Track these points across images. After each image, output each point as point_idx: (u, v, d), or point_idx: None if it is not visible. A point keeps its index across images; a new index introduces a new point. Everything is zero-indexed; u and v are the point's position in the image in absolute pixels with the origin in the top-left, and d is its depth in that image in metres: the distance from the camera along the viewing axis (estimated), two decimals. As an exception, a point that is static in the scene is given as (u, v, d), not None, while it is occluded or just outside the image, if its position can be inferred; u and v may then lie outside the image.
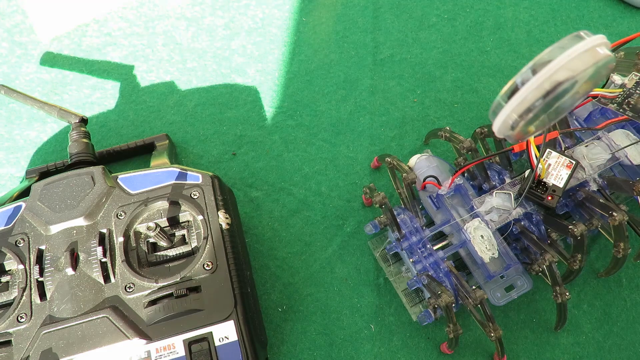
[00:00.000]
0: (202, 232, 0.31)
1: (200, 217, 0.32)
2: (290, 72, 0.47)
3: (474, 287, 0.32)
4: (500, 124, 0.24)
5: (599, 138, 0.35)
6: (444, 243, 0.36)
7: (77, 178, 0.33)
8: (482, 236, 0.33)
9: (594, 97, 0.35)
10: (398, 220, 0.35)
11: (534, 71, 0.22)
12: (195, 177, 0.33)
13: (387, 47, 0.48)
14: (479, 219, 0.33)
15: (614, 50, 0.35)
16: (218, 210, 0.32)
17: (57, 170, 0.41)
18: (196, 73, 0.48)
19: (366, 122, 0.45)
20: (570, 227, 0.32)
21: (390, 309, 0.38)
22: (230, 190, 0.37)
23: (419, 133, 0.44)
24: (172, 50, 0.49)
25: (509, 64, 0.47)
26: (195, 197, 0.32)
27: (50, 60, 0.49)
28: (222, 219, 0.32)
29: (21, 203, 0.33)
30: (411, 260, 0.35)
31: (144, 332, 0.28)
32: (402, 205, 0.37)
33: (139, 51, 0.49)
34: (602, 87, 0.36)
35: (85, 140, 0.39)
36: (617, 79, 0.35)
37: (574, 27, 0.49)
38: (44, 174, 0.41)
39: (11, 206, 0.33)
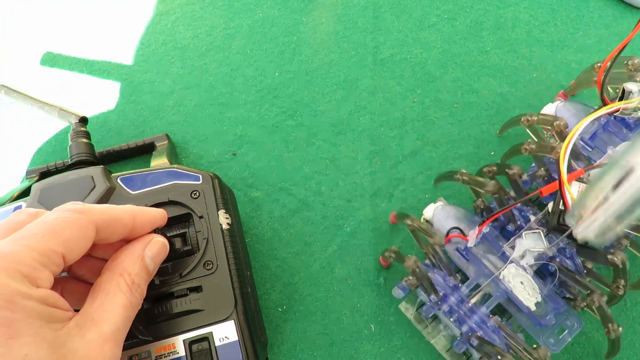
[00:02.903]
0: (203, 232, 0.31)
1: (200, 217, 0.32)
2: (290, 72, 0.47)
3: (534, 346, 0.30)
4: (590, 233, 0.24)
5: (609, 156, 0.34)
6: (480, 294, 0.34)
7: (77, 178, 0.33)
8: (521, 282, 0.31)
9: (615, 111, 0.34)
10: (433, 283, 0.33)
11: (624, 176, 0.21)
12: (195, 177, 0.33)
13: (387, 47, 0.48)
14: (514, 264, 0.32)
15: (617, 57, 0.35)
16: (218, 210, 0.32)
17: (57, 170, 0.41)
18: (196, 73, 0.48)
19: (366, 122, 0.45)
20: (609, 256, 0.30)
21: (390, 309, 0.38)
22: (231, 190, 0.37)
23: (419, 133, 0.44)
24: (172, 50, 0.49)
25: (509, 64, 0.47)
26: (195, 197, 0.32)
27: (50, 60, 0.49)
28: (223, 218, 0.32)
29: (21, 203, 0.32)
30: (451, 319, 0.33)
31: (144, 332, 0.28)
32: (429, 262, 0.35)
33: (138, 51, 0.49)
34: (620, 100, 0.35)
35: (85, 140, 0.39)
36: (633, 87, 0.34)
37: (574, 27, 0.49)
38: (44, 174, 0.41)
39: (11, 206, 0.33)
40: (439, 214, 0.36)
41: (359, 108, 0.46)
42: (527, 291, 0.31)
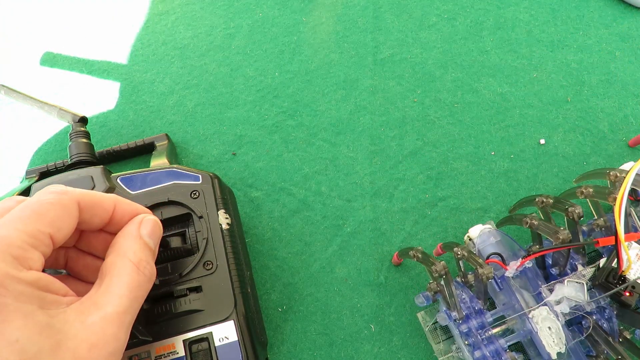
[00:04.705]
0: (202, 232, 0.31)
1: (200, 217, 0.32)
2: (290, 72, 0.47)
3: None
4: None
5: None
6: (503, 327, 0.33)
7: (77, 178, 0.33)
8: (549, 328, 0.30)
9: None
10: (458, 300, 0.31)
11: None
12: (195, 177, 0.33)
13: (387, 47, 0.48)
14: (547, 308, 0.31)
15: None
16: (218, 210, 0.32)
17: (57, 170, 0.41)
18: (196, 73, 0.48)
19: (366, 122, 0.45)
20: None
21: (390, 309, 0.38)
22: (231, 190, 0.37)
23: (419, 133, 0.44)
24: (172, 50, 0.49)
25: (509, 64, 0.47)
26: (195, 197, 0.32)
27: (50, 60, 0.49)
28: (222, 219, 0.32)
29: (21, 203, 0.32)
30: (466, 342, 0.32)
31: (144, 332, 0.28)
32: (460, 281, 0.34)
33: (138, 51, 0.49)
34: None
35: (85, 140, 0.39)
36: None
37: (574, 27, 0.49)
38: (44, 174, 0.41)
39: (11, 206, 0.33)
40: (484, 235, 0.35)
41: (359, 108, 0.45)
42: (552, 338, 0.30)
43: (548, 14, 0.50)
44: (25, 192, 0.36)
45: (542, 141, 0.43)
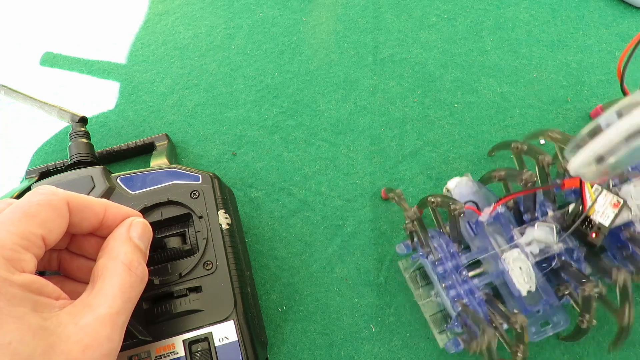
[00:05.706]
0: (202, 232, 0.31)
1: (200, 217, 0.32)
2: (290, 72, 0.47)
3: (515, 310, 0.31)
4: (579, 163, 0.25)
5: None
6: (478, 271, 0.34)
7: (76, 178, 0.33)
8: (520, 268, 0.31)
9: None
10: (435, 245, 0.34)
11: (620, 114, 0.22)
12: (195, 177, 0.33)
13: (387, 47, 0.48)
14: (518, 249, 0.32)
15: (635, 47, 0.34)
16: (218, 210, 0.32)
17: (57, 170, 0.41)
18: (196, 73, 0.48)
19: (366, 122, 0.45)
20: (613, 270, 0.29)
21: (390, 309, 0.38)
22: (230, 190, 0.37)
23: (419, 133, 0.44)
24: (172, 50, 0.49)
25: (509, 64, 0.47)
26: (195, 197, 0.32)
27: (50, 60, 0.49)
28: (222, 219, 0.32)
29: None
30: (443, 285, 0.33)
31: (144, 332, 0.28)
32: (439, 229, 0.35)
33: (138, 51, 0.49)
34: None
35: (85, 140, 0.39)
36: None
37: (574, 27, 0.49)
38: (44, 174, 0.41)
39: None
40: (461, 187, 0.36)
41: (359, 108, 0.45)
42: (523, 277, 0.31)
43: (548, 14, 0.50)
44: (25, 192, 0.36)
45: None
